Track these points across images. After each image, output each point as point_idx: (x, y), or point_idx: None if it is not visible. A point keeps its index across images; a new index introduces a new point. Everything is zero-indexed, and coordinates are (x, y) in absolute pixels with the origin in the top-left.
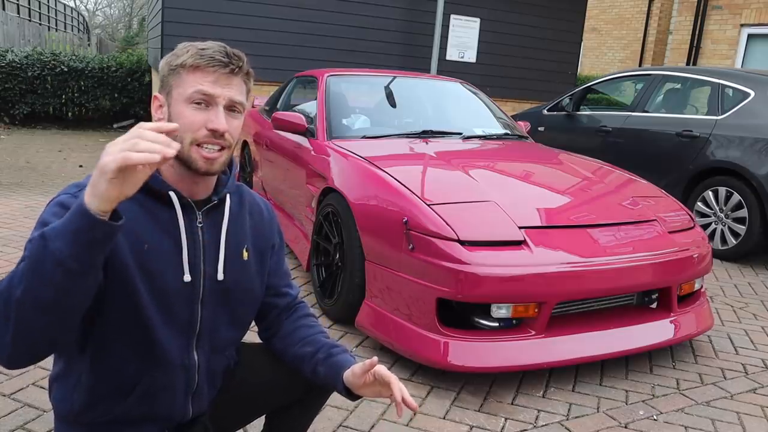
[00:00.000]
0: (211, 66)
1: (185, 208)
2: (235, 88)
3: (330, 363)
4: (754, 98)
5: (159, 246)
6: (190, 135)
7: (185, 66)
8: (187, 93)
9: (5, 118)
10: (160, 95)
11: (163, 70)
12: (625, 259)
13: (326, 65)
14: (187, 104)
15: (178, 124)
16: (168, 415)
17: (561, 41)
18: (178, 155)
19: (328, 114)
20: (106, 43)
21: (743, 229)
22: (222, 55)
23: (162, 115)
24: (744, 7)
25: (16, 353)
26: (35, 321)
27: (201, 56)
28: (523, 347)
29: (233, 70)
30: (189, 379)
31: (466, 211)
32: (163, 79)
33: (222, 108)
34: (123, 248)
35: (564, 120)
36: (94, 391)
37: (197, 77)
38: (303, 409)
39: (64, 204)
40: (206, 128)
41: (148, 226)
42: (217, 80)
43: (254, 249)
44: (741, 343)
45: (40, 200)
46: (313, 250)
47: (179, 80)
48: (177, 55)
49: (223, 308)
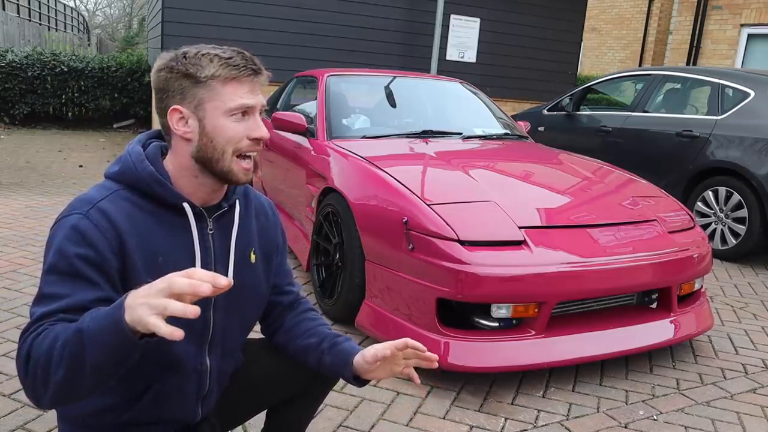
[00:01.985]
0: (245, 75)
1: (197, 216)
2: (260, 92)
3: (336, 351)
4: (754, 98)
5: (173, 257)
6: (233, 147)
7: (216, 77)
8: (228, 106)
9: (5, 118)
10: (183, 108)
11: (181, 81)
12: (625, 259)
13: (326, 65)
14: (228, 116)
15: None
16: (178, 418)
17: (561, 41)
18: (216, 169)
19: (328, 114)
20: (106, 43)
21: (743, 229)
22: (250, 61)
23: (188, 128)
24: (744, 7)
25: (54, 405)
26: (74, 393)
27: (233, 66)
28: (523, 347)
29: (258, 73)
30: (201, 383)
31: (466, 211)
32: (184, 90)
33: (258, 115)
34: (138, 265)
35: (564, 120)
36: (104, 396)
37: (234, 88)
38: (304, 403)
39: (77, 228)
40: (248, 138)
41: (161, 239)
42: (252, 89)
43: (261, 251)
44: (741, 343)
45: (40, 200)
46: (313, 250)
47: (213, 93)
48: (199, 66)
49: (233, 312)
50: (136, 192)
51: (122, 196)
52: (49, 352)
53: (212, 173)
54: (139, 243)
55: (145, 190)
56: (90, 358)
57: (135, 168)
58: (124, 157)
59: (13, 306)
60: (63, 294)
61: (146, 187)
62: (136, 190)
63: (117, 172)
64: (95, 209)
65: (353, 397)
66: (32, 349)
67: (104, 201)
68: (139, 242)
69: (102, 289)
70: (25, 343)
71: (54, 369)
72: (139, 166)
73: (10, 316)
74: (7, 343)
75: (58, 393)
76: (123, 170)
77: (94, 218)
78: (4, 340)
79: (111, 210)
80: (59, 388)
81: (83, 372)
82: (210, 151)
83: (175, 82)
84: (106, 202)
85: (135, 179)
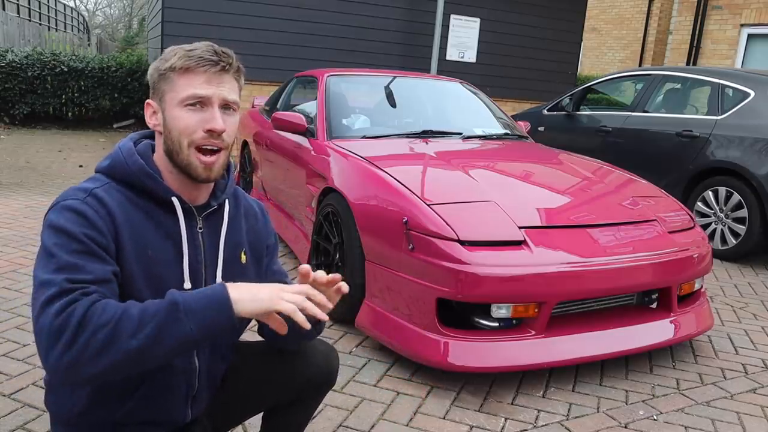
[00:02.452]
0: (201, 66)
1: (186, 213)
2: (227, 86)
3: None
4: (754, 98)
5: (162, 252)
6: (188, 138)
7: (175, 69)
8: (181, 96)
9: (5, 118)
10: (152, 102)
11: (153, 76)
12: (625, 259)
13: (326, 65)
14: (182, 107)
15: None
16: (167, 419)
17: (561, 41)
18: (177, 162)
19: (328, 114)
20: (106, 43)
21: (743, 229)
22: (211, 53)
23: (156, 121)
24: (744, 7)
25: (92, 378)
26: (131, 366)
27: (189, 57)
28: (523, 347)
29: (224, 68)
30: (189, 383)
31: (466, 211)
32: (154, 85)
33: (217, 107)
34: (130, 256)
35: (564, 120)
36: (93, 395)
37: (189, 79)
38: (301, 406)
39: (78, 210)
40: (203, 129)
41: (151, 233)
42: (209, 80)
43: (251, 251)
44: (741, 343)
45: (40, 200)
46: (313, 250)
47: (171, 84)
48: (165, 59)
49: None
50: (127, 187)
51: (114, 188)
52: (121, 318)
53: (177, 167)
54: (131, 233)
55: (135, 184)
56: (181, 332)
57: (125, 162)
58: (114, 152)
59: (13, 306)
60: (86, 267)
61: (136, 180)
62: (127, 184)
63: (107, 166)
64: (91, 196)
65: (353, 397)
66: (90, 314)
67: (99, 189)
68: (131, 233)
69: (114, 265)
70: (73, 307)
71: (129, 337)
72: (129, 160)
73: (10, 316)
74: (7, 343)
75: (116, 363)
76: (113, 164)
77: (91, 204)
78: (4, 340)
79: (106, 198)
80: (124, 358)
81: (164, 344)
82: (170, 142)
83: (151, 78)
84: (101, 191)
85: (125, 173)
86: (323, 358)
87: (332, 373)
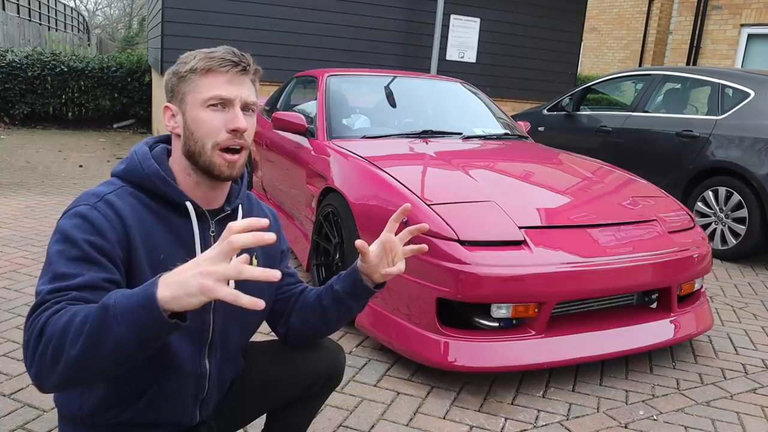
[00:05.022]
0: (223, 67)
1: (200, 217)
2: (246, 87)
3: (342, 277)
4: (754, 98)
5: (174, 256)
6: (212, 140)
7: (196, 70)
8: (204, 96)
9: (5, 118)
10: (172, 105)
11: (171, 80)
12: (625, 259)
13: (326, 65)
14: (204, 108)
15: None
16: (175, 421)
17: (561, 41)
18: (200, 163)
19: (328, 114)
20: (106, 43)
21: (743, 229)
22: (231, 55)
23: (176, 123)
24: (744, 7)
25: (57, 388)
26: (84, 375)
27: (211, 59)
28: (523, 347)
29: (244, 69)
30: (199, 386)
31: (466, 211)
32: (173, 88)
33: (239, 107)
34: (141, 259)
35: (564, 120)
36: (102, 396)
37: (210, 80)
38: (304, 406)
39: (86, 216)
40: (227, 130)
41: (163, 236)
42: (230, 81)
43: (263, 257)
44: (741, 343)
45: (40, 200)
46: (313, 250)
47: (192, 86)
48: (184, 63)
49: (234, 317)
50: (141, 190)
51: (128, 192)
52: (66, 327)
53: (199, 169)
54: (143, 237)
55: (149, 188)
56: (113, 335)
57: (140, 166)
58: (130, 155)
59: (13, 306)
60: (75, 273)
61: (151, 185)
62: (141, 188)
63: (123, 170)
64: (103, 201)
65: (353, 397)
66: (47, 324)
67: (111, 194)
68: (144, 237)
69: (113, 273)
70: (39, 318)
71: (69, 345)
72: (144, 164)
73: (10, 316)
74: (7, 343)
75: (68, 372)
76: (129, 168)
77: (102, 209)
78: (4, 340)
79: (118, 203)
80: (70, 367)
81: (101, 350)
82: (192, 144)
83: (170, 83)
84: (113, 196)
85: (140, 177)
86: (333, 355)
87: (340, 371)
